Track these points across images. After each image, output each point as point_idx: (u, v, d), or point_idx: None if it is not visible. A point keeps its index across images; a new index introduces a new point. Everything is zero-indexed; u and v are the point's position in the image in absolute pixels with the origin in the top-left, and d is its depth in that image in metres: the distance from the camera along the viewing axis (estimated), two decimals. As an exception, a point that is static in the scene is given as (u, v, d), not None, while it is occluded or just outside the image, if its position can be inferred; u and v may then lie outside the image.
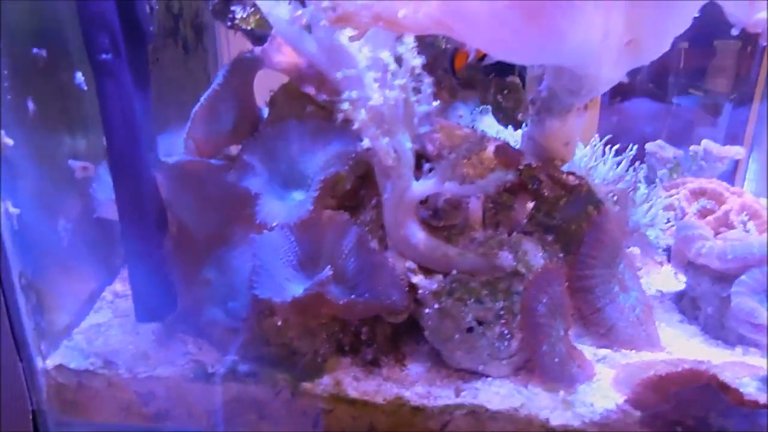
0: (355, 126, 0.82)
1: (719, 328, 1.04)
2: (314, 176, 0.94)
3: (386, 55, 0.85)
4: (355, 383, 0.92)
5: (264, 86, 1.09)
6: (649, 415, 0.85)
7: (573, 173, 1.00)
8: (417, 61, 0.87)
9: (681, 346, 1.03)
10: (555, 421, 0.87)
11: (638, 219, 1.16)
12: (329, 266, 0.87)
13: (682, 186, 1.29)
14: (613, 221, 0.99)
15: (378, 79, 0.86)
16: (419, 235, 0.91)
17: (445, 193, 0.93)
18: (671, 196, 1.25)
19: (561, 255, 0.96)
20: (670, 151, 1.52)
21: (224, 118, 1.00)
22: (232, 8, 1.08)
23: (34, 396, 0.91)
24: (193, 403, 0.91)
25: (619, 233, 1.01)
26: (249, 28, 1.09)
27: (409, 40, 0.86)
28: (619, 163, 1.18)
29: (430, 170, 0.89)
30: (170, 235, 0.90)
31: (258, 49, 0.98)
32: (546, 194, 0.95)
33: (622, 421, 0.86)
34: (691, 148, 1.52)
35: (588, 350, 0.99)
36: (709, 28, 0.86)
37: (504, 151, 0.99)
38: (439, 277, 0.91)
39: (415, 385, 0.92)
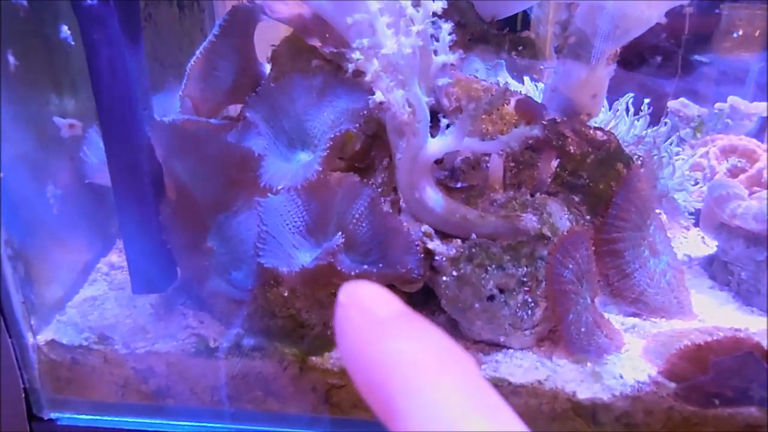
0: (367, 77, 0.74)
1: (755, 294, 0.98)
2: (322, 135, 0.87)
3: (403, -1, 0.77)
4: (368, 356, 0.86)
5: (266, 40, 1.01)
6: (685, 387, 0.79)
7: (601, 128, 0.92)
8: (437, 5, 0.79)
9: (713, 314, 0.96)
10: (582, 394, 0.81)
11: (666, 181, 1.09)
12: (340, 233, 0.80)
13: (711, 144, 1.22)
14: (644, 180, 0.92)
15: (392, 25, 0.78)
16: (436, 197, 0.84)
17: (464, 152, 0.85)
18: (698, 155, 1.17)
19: (588, 217, 0.89)
20: (694, 109, 1.44)
21: (222, 75, 0.93)
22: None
23: (25, 374, 0.85)
24: (195, 379, 0.85)
25: (649, 193, 0.94)
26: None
27: (426, -17, 0.78)
28: (642, 124, 1.10)
29: (448, 126, 0.82)
30: (167, 201, 0.84)
31: (257, -1, 0.90)
32: (572, 151, 0.88)
33: (655, 394, 0.80)
34: (717, 105, 1.44)
35: (616, 319, 0.93)
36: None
37: (526, 104, 0.91)
38: (458, 242, 0.84)
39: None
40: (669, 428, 0.80)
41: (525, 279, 0.83)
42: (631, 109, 1.11)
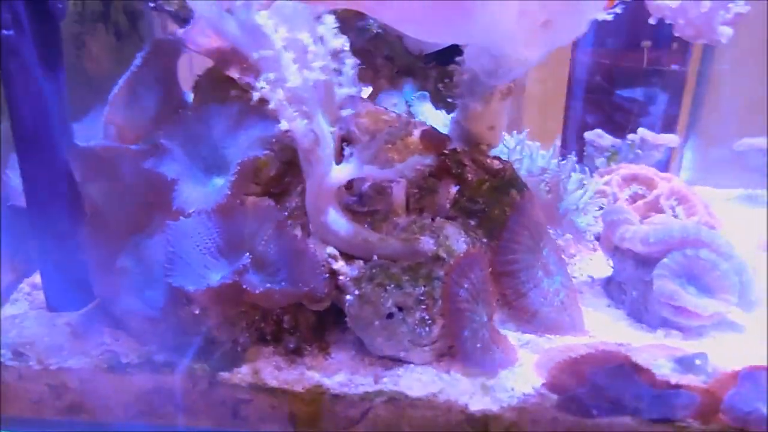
0: (270, 106, 0.80)
1: (643, 312, 1.06)
2: (236, 161, 0.92)
3: (305, 36, 0.83)
4: (276, 372, 0.90)
5: (196, 71, 1.06)
6: (566, 399, 0.85)
7: (498, 158, 1.00)
8: (338, 42, 0.86)
9: (606, 331, 1.04)
10: (474, 406, 0.87)
11: (568, 205, 1.17)
12: (247, 254, 0.85)
13: (615, 173, 1.31)
14: (536, 206, 0.99)
15: (297, 60, 0.85)
16: (340, 221, 0.90)
17: (367, 179, 0.92)
18: (605, 183, 1.26)
19: (485, 240, 0.96)
20: (608, 140, 1.53)
21: (146, 103, 0.98)
22: (155, -11, 1.06)
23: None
24: (107, 395, 0.89)
25: (542, 218, 1.01)
26: (173, 9, 1.06)
27: (330, 20, 0.85)
28: (548, 156, 1.18)
29: (351, 155, 0.88)
30: (85, 221, 0.88)
31: (180, 32, 0.96)
32: (470, 178, 0.95)
33: (539, 405, 0.86)
34: (629, 136, 1.54)
35: (513, 335, 0.99)
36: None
37: (429, 135, 0.98)
38: (360, 263, 0.90)
39: (337, 374, 0.90)
40: (554, 437, 0.87)
41: (422, 298, 0.88)
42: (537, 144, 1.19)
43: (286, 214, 0.93)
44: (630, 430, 0.85)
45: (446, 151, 0.97)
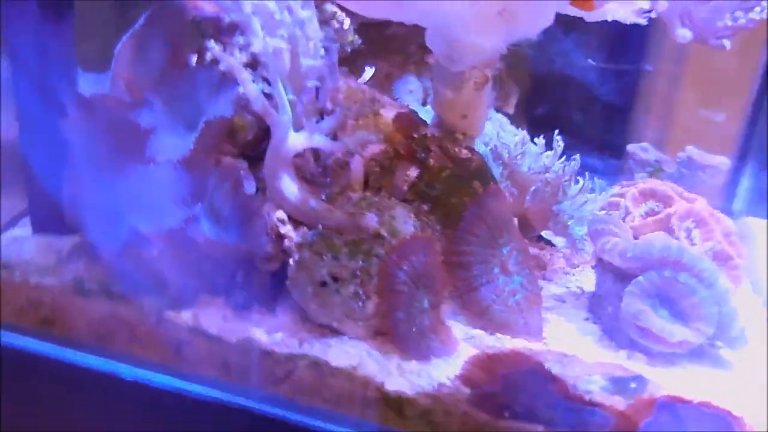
0: (220, 67, 0.85)
1: (616, 330, 0.99)
2: (213, 121, 0.98)
3: (272, 4, 0.87)
4: (220, 322, 0.95)
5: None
6: (478, 395, 0.83)
7: (469, 148, 0.98)
8: (306, 13, 0.89)
9: (568, 342, 0.98)
10: (389, 386, 0.87)
11: (565, 209, 1.11)
12: (200, 204, 0.91)
13: (633, 186, 1.22)
14: (502, 202, 0.96)
15: (264, 27, 0.89)
16: (291, 187, 0.93)
17: (325, 150, 0.94)
18: (611, 194, 1.18)
19: (437, 227, 0.95)
20: (651, 154, 1.43)
21: (152, 61, 1.06)
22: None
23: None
24: (74, 314, 0.99)
25: (509, 216, 0.98)
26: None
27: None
28: (552, 156, 1.13)
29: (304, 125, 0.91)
30: (68, 160, 0.98)
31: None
32: (431, 164, 0.94)
33: (452, 396, 0.85)
34: (680, 154, 1.43)
35: (461, 329, 0.97)
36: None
37: (405, 117, 0.99)
38: (305, 230, 0.93)
39: (274, 333, 0.94)
40: (465, 432, 0.84)
41: (358, 273, 0.90)
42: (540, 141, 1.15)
43: (252, 177, 0.98)
44: (542, 439, 0.81)
45: (415, 135, 0.97)
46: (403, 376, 0.87)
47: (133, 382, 0.97)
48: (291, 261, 0.92)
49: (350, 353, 0.91)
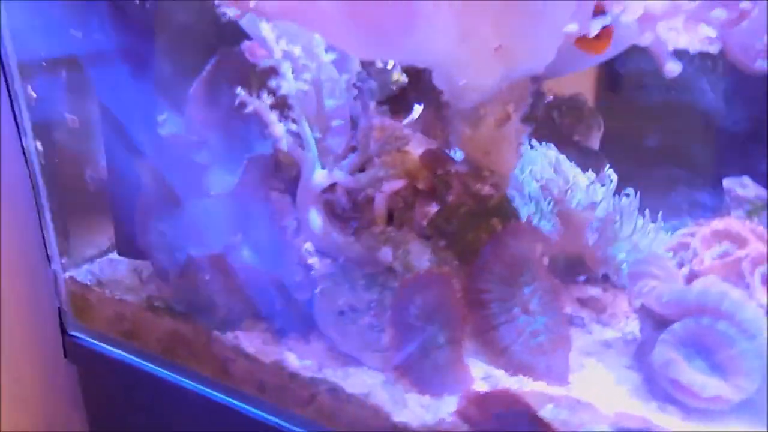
0: (248, 110, 0.94)
1: (654, 380, 0.92)
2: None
3: (297, 50, 0.95)
4: (260, 344, 1.04)
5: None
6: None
7: (495, 184, 0.97)
8: (328, 57, 0.96)
9: (600, 389, 0.93)
10: (396, 417, 0.89)
11: (615, 252, 1.06)
12: (240, 234, 1.01)
13: (707, 225, 1.11)
14: (525, 240, 0.94)
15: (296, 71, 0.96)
16: (317, 221, 0.99)
17: (345, 186, 0.99)
18: (680, 234, 1.09)
19: (456, 263, 0.95)
20: (751, 191, 1.28)
21: (220, 104, 1.19)
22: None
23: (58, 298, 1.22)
24: (146, 329, 1.14)
25: (535, 254, 0.95)
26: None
27: (319, 38, 0.95)
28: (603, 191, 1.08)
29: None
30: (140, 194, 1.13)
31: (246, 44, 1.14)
32: (450, 200, 0.96)
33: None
34: (781, 189, 1.27)
35: (481, 367, 0.96)
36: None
37: (430, 154, 1.01)
38: (328, 261, 0.98)
39: (305, 359, 1.01)
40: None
41: (373, 304, 0.93)
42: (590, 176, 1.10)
43: (293, 210, 1.06)
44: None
45: (440, 172, 0.98)
46: (412, 410, 0.89)
47: (193, 392, 1.09)
48: (316, 291, 0.99)
49: (367, 382, 0.95)
